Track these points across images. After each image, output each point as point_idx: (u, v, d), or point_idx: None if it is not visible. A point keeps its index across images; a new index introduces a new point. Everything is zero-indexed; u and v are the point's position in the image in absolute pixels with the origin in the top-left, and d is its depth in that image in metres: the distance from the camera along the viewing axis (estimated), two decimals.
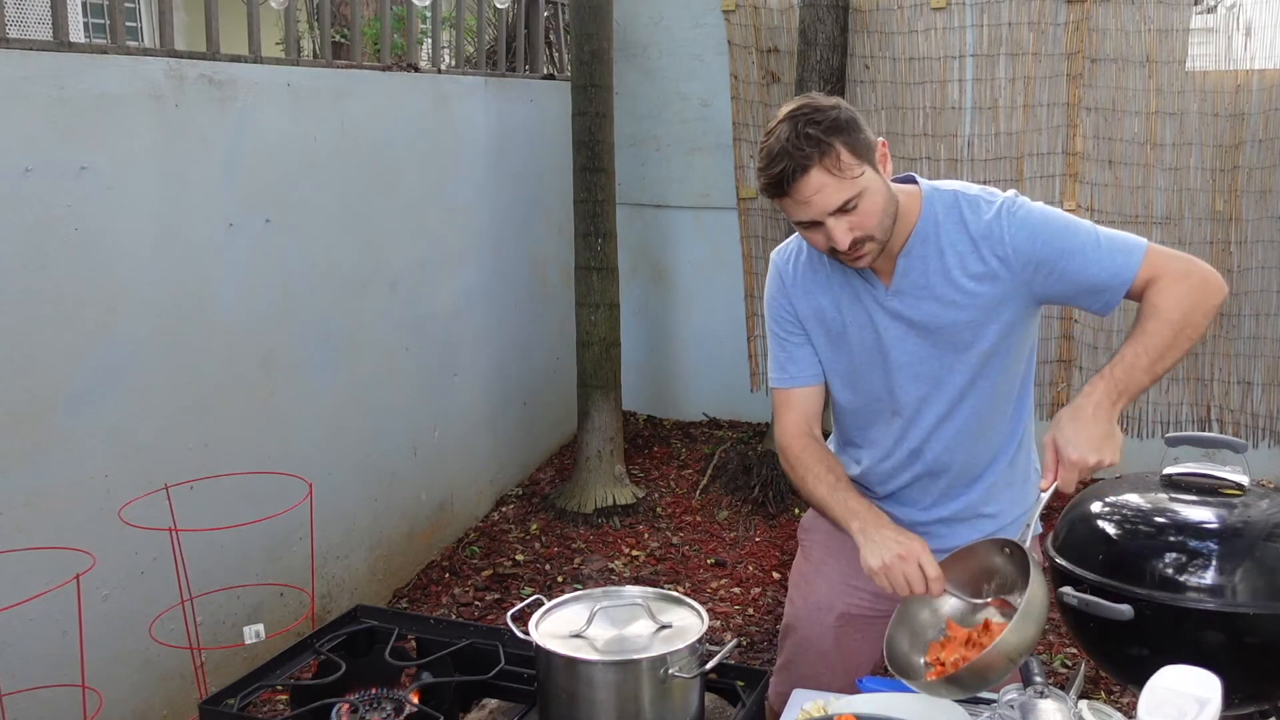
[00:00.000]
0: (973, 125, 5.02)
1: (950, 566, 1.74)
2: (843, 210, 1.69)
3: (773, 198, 1.73)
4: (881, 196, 1.73)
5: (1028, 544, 1.66)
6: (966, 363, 1.86)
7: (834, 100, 1.74)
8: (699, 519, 4.75)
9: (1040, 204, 1.82)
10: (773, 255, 2.01)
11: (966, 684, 1.56)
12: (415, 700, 1.75)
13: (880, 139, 1.77)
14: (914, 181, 1.86)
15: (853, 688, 1.77)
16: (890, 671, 1.67)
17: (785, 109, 1.73)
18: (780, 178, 1.68)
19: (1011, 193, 1.83)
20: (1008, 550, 1.71)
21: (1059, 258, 1.76)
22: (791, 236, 1.97)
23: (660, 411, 5.97)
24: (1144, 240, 1.76)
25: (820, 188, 1.67)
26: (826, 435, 2.04)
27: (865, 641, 2.05)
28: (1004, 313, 1.82)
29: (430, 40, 4.76)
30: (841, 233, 1.70)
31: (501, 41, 4.99)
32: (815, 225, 1.73)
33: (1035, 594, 1.55)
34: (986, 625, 1.67)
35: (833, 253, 1.77)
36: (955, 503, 1.98)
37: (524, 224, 4.97)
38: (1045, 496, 1.66)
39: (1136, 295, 1.75)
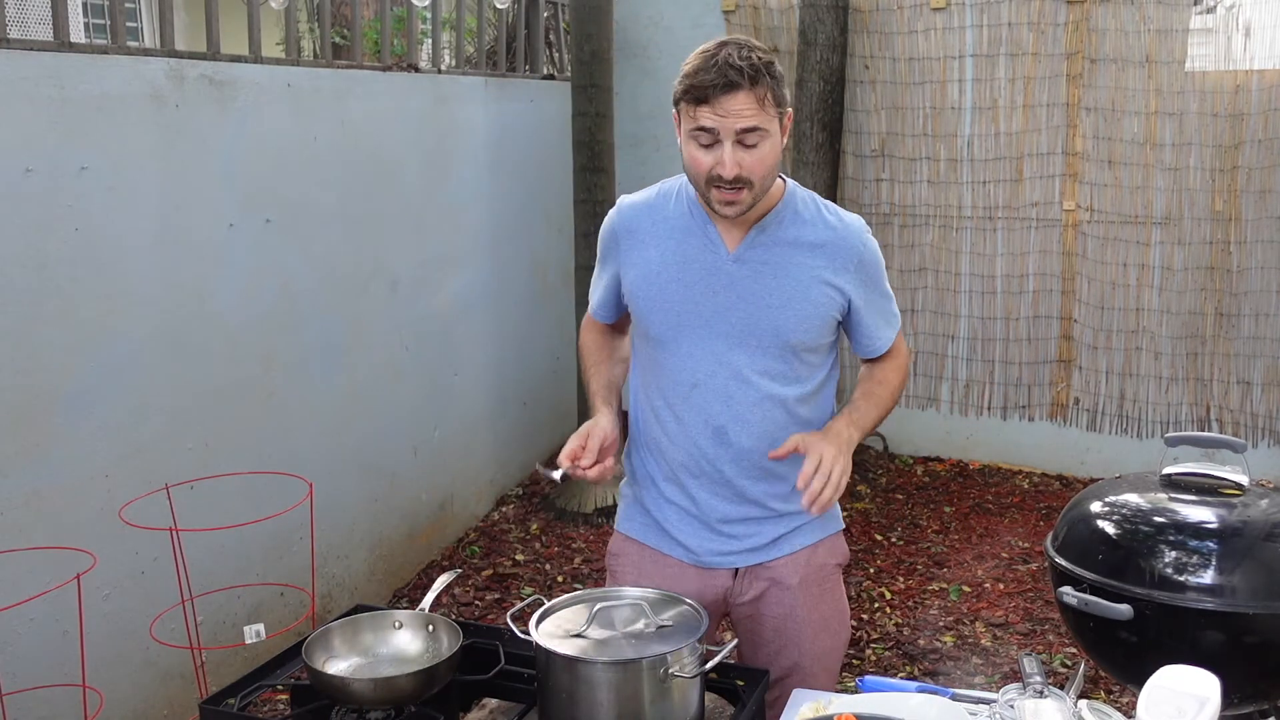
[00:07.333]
0: (973, 125, 5.02)
1: None
2: (743, 142, 1.76)
3: (690, 103, 1.77)
4: (775, 153, 1.81)
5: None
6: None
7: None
8: None
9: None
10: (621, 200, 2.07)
11: None
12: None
13: (788, 109, 1.86)
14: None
15: None
16: None
17: (721, 39, 1.80)
18: (712, 85, 1.74)
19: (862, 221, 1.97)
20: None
21: (865, 304, 1.94)
22: (640, 192, 2.02)
23: None
24: (896, 325, 2.00)
25: (744, 106, 1.74)
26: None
27: None
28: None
29: (430, 41, 4.76)
30: (731, 162, 1.76)
31: (501, 42, 4.99)
32: (712, 147, 1.77)
33: None
34: None
35: (709, 184, 1.80)
36: None
37: (524, 224, 4.97)
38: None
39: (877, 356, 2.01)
